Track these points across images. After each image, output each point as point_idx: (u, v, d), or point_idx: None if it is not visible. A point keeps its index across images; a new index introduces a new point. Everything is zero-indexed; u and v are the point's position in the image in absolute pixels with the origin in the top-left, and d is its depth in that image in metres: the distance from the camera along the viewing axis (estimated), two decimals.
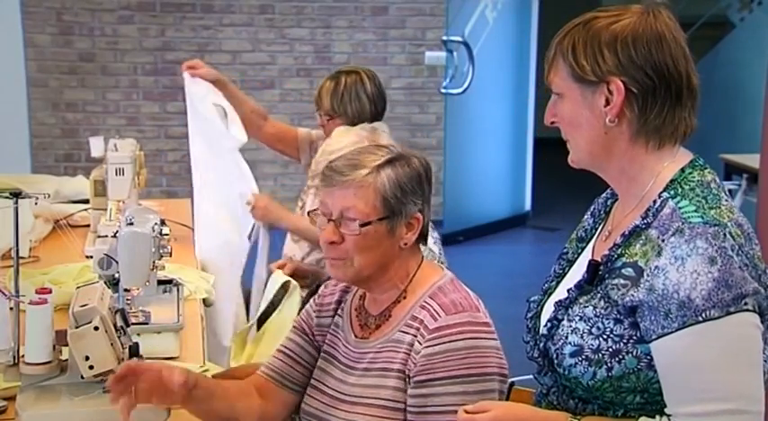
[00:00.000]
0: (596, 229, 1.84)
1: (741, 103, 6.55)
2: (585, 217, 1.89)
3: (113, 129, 6.82)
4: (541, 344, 1.74)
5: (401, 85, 7.37)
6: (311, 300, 2.23)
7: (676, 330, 1.55)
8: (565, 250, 1.88)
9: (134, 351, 1.95)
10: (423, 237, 2.09)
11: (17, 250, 1.99)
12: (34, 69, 6.90)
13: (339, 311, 2.16)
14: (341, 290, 2.18)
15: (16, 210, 1.98)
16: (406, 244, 2.05)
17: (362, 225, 1.99)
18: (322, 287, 2.24)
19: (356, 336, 2.09)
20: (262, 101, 7.21)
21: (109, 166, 3.15)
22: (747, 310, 1.56)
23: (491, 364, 1.95)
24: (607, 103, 1.64)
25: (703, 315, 1.54)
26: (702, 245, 1.56)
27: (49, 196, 2.54)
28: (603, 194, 1.87)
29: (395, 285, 2.06)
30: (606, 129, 1.66)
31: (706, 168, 1.70)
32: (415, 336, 1.98)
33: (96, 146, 3.44)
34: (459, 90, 6.86)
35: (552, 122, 1.73)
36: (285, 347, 2.18)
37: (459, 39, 6.85)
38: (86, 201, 3.56)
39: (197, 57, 7.05)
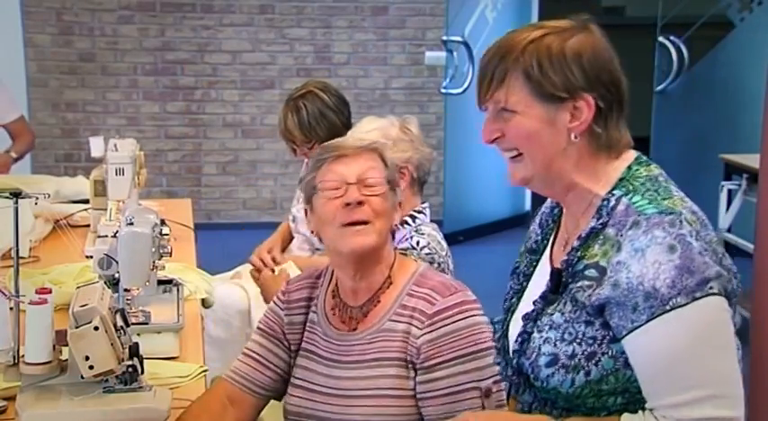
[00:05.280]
0: (547, 240, 1.84)
1: (741, 103, 6.53)
2: (532, 228, 1.89)
3: (113, 129, 6.82)
4: (514, 362, 1.74)
5: (401, 85, 7.37)
6: (275, 299, 2.21)
7: (646, 322, 1.55)
8: (516, 264, 1.88)
9: (134, 351, 1.95)
10: None
11: (17, 250, 1.98)
12: (34, 69, 6.89)
13: (313, 307, 2.15)
14: (308, 286, 2.17)
15: (16, 210, 1.98)
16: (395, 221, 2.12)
17: (388, 182, 2.08)
18: (284, 284, 2.23)
19: (338, 330, 2.09)
20: (261, 101, 7.26)
21: (109, 166, 3.15)
22: (713, 294, 1.55)
23: (487, 339, 1.99)
24: (571, 119, 1.64)
25: (670, 303, 1.54)
26: (660, 234, 1.56)
27: (49, 196, 2.53)
28: (547, 203, 1.87)
29: (381, 270, 2.07)
30: (567, 144, 1.66)
31: (650, 164, 1.71)
32: (410, 324, 2.00)
33: (96, 146, 3.45)
34: (459, 90, 6.85)
35: (494, 140, 1.72)
36: (252, 351, 2.17)
37: (459, 39, 6.85)
38: (86, 201, 3.57)
39: (197, 57, 7.10)
